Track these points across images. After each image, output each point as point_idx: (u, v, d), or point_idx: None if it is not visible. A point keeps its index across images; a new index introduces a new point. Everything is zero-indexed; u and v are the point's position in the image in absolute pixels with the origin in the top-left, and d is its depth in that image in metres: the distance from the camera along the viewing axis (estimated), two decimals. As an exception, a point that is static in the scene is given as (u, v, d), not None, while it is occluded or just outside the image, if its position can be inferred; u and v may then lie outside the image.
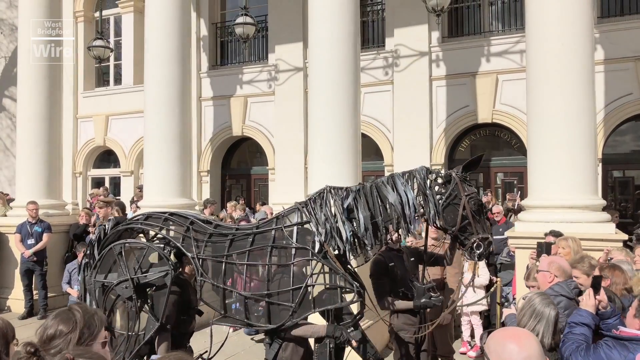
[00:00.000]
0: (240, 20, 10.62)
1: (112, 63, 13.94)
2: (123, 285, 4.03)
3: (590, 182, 6.05)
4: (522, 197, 8.92)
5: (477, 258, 3.72)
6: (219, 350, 4.33)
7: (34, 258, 8.66)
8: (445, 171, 3.88)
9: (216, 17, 12.90)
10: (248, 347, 6.96)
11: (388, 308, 4.36)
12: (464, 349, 6.94)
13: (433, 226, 3.87)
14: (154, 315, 3.97)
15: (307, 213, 3.83)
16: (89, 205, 11.42)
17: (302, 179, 10.92)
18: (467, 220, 3.66)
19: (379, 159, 11.01)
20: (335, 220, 3.70)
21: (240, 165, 13.26)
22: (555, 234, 5.13)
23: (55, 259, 9.27)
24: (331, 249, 3.71)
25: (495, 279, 7.18)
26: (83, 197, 13.71)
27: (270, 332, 3.82)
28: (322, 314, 3.87)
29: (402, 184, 3.73)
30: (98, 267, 4.23)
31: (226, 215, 10.00)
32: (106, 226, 4.43)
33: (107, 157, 14.29)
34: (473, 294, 6.88)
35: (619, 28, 9.20)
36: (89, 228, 9.13)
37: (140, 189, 11.21)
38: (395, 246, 4.56)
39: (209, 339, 4.19)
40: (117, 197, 12.49)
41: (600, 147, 9.07)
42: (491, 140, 10.88)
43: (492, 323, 6.88)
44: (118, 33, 14.04)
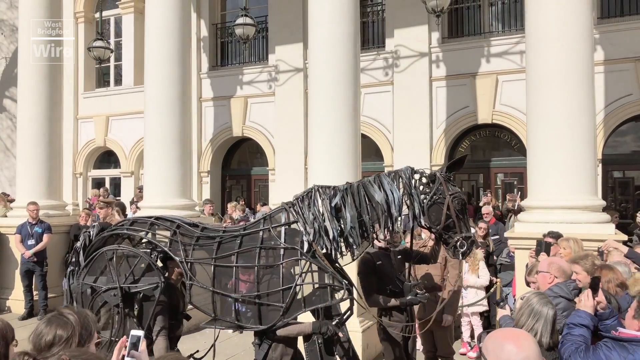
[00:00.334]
0: (240, 21, 10.63)
1: (112, 64, 13.95)
2: (111, 293, 3.99)
3: (590, 182, 6.05)
4: (522, 198, 8.91)
5: (460, 256, 3.80)
6: (208, 351, 4.32)
7: (34, 259, 8.67)
8: (430, 171, 3.95)
9: (216, 17, 12.91)
10: (248, 348, 6.94)
11: (375, 305, 4.43)
12: (464, 350, 6.94)
13: (418, 225, 3.93)
14: (140, 323, 3.94)
15: (295, 213, 3.86)
16: (87, 206, 11.43)
17: (302, 179, 10.93)
18: (451, 219, 3.73)
19: (379, 160, 11.01)
20: (323, 219, 3.74)
21: (240, 165, 13.27)
22: (555, 235, 5.12)
23: (56, 260, 9.27)
24: (319, 248, 3.74)
25: (495, 279, 7.18)
26: (83, 197, 13.72)
27: (260, 332, 3.83)
28: (312, 313, 3.88)
29: (388, 183, 3.79)
30: (87, 270, 4.16)
31: (226, 216, 10.01)
32: (91, 232, 4.36)
33: (107, 158, 14.29)
34: (474, 295, 6.89)
35: (619, 29, 9.21)
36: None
37: (141, 189, 11.22)
38: (395, 246, 4.59)
39: (209, 340, 4.19)
40: (118, 198, 12.50)
41: (601, 147, 9.08)
42: (491, 141, 10.88)
43: (492, 324, 6.88)
44: (118, 34, 14.05)
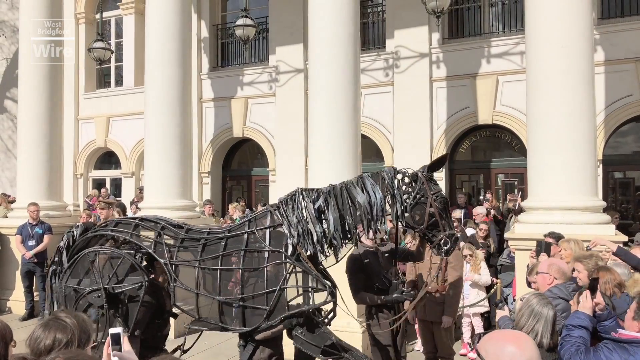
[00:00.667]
0: (240, 21, 10.64)
1: (113, 64, 13.95)
2: (95, 294, 3.98)
3: (590, 183, 6.05)
4: (523, 198, 8.90)
5: (444, 254, 3.87)
6: (192, 345, 4.36)
7: (35, 259, 8.67)
8: (412, 171, 3.99)
9: (217, 18, 12.92)
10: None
11: (362, 302, 4.51)
12: (464, 351, 6.93)
13: (401, 224, 3.99)
14: (125, 323, 3.94)
15: (279, 215, 3.88)
16: (87, 206, 11.44)
17: (302, 180, 10.91)
18: (434, 219, 3.79)
19: (379, 160, 11.01)
20: (307, 222, 3.77)
21: (240, 166, 13.27)
22: (556, 235, 5.11)
23: (56, 261, 9.26)
24: (303, 250, 3.77)
25: (496, 280, 7.18)
26: (84, 198, 13.72)
27: (244, 334, 3.86)
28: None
29: (370, 184, 3.83)
30: (69, 273, 4.15)
31: (227, 216, 10.01)
32: (74, 232, 4.34)
33: (108, 159, 14.30)
34: (476, 295, 6.89)
35: (619, 29, 9.20)
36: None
37: (141, 190, 11.22)
38: (383, 245, 4.65)
39: (209, 341, 4.20)
40: (118, 199, 12.51)
41: (601, 148, 9.07)
42: (492, 142, 10.88)
43: (493, 324, 6.87)
44: (119, 34, 14.06)
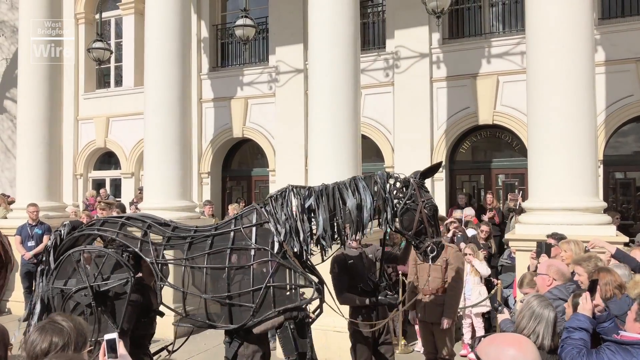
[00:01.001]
0: (240, 22, 10.63)
1: (112, 65, 13.95)
2: (82, 293, 3.96)
3: (590, 184, 6.03)
4: (524, 198, 8.89)
5: (430, 261, 3.93)
6: (170, 345, 4.33)
7: (34, 260, 8.65)
8: (404, 176, 4.04)
9: (217, 18, 12.90)
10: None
11: (346, 303, 4.52)
12: (465, 352, 6.92)
13: (390, 229, 4.02)
14: (113, 321, 3.92)
15: (266, 213, 3.89)
16: (84, 207, 11.42)
17: (302, 180, 10.89)
18: (422, 225, 3.86)
19: (379, 161, 10.99)
20: (296, 219, 3.79)
21: (240, 166, 13.26)
22: (558, 236, 5.09)
23: (56, 261, 9.25)
24: (290, 248, 3.78)
25: (496, 281, 7.17)
26: (83, 199, 13.71)
27: (230, 331, 3.87)
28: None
29: (363, 187, 3.87)
30: (56, 273, 4.12)
31: (227, 217, 9.99)
32: (62, 232, 4.31)
33: (107, 159, 14.29)
34: (477, 295, 6.87)
35: (620, 29, 9.19)
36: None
37: (141, 190, 11.21)
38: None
39: (208, 342, 4.18)
40: (118, 199, 12.51)
41: (602, 148, 9.05)
42: (492, 142, 10.86)
43: (493, 325, 6.86)
44: (119, 35, 14.05)
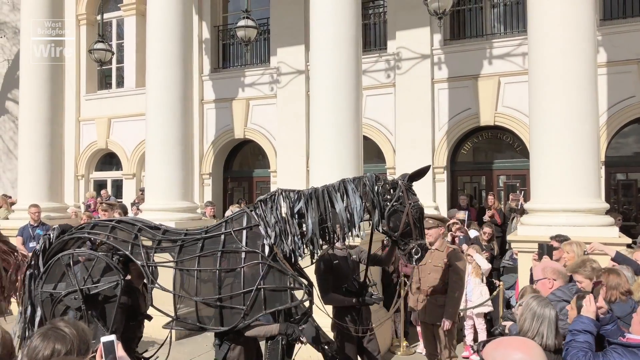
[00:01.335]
0: (242, 23, 10.62)
1: (114, 66, 13.96)
2: (72, 296, 3.94)
3: (593, 185, 6.02)
4: (525, 199, 8.89)
5: (414, 263, 3.99)
6: (157, 350, 4.30)
7: (36, 261, 8.64)
8: (393, 179, 4.09)
9: (218, 20, 12.91)
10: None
11: (331, 303, 4.56)
12: (467, 353, 6.91)
13: (377, 230, 4.06)
14: (104, 324, 3.90)
15: (256, 216, 3.92)
16: (85, 208, 11.43)
17: (303, 181, 10.90)
18: (408, 227, 3.90)
19: (380, 162, 10.99)
20: (285, 223, 3.83)
21: (242, 167, 13.26)
22: (562, 239, 5.08)
23: (57, 262, 9.24)
24: (280, 251, 3.81)
25: (498, 282, 7.15)
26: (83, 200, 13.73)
27: (220, 333, 3.88)
28: (272, 315, 3.94)
29: (352, 190, 3.91)
30: (45, 277, 4.09)
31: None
32: (51, 235, 4.28)
33: (109, 160, 14.30)
34: (479, 296, 6.87)
35: (622, 30, 9.18)
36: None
37: (142, 191, 11.21)
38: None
39: (210, 343, 4.18)
40: (119, 200, 12.51)
41: (603, 149, 9.04)
42: (493, 143, 10.86)
43: (495, 326, 6.85)
44: (120, 36, 14.06)
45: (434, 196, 10.36)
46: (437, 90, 10.44)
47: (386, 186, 3.96)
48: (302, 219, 3.87)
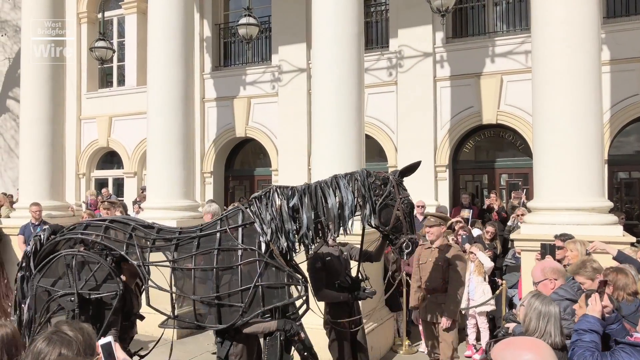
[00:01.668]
0: (243, 21, 10.60)
1: (115, 64, 13.94)
2: (68, 298, 3.91)
3: (596, 183, 5.99)
4: (527, 197, 8.86)
5: (405, 256, 4.05)
6: (152, 349, 4.30)
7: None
8: (384, 174, 4.12)
9: (219, 18, 12.88)
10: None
11: (324, 299, 4.63)
12: (469, 352, 6.89)
13: (368, 225, 4.11)
14: (95, 328, 3.80)
15: (252, 213, 3.93)
16: (85, 207, 11.41)
17: (305, 180, 10.87)
18: (399, 221, 3.97)
19: (382, 160, 10.96)
20: (281, 219, 3.85)
21: (243, 166, 13.24)
22: (567, 237, 5.04)
23: (59, 261, 9.23)
24: (277, 247, 3.83)
25: (501, 281, 7.13)
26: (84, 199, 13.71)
27: (221, 331, 3.89)
28: (270, 311, 3.94)
29: (344, 185, 3.96)
30: (41, 274, 4.07)
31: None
32: (41, 237, 4.23)
33: (110, 159, 14.29)
34: (481, 294, 6.84)
35: (625, 28, 9.14)
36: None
37: (144, 190, 11.20)
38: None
39: (212, 342, 4.17)
40: (120, 199, 12.50)
41: (606, 148, 9.00)
42: (496, 141, 10.83)
43: (498, 326, 6.83)
44: (121, 34, 14.03)
45: (435, 195, 10.33)
46: (440, 89, 10.41)
47: (377, 182, 4.02)
48: (296, 214, 3.90)
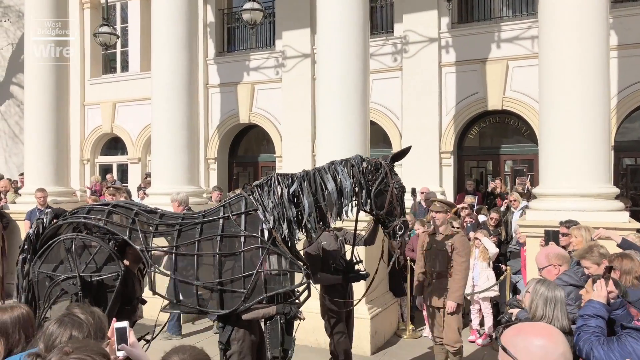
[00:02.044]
0: (247, 6, 10.50)
1: (118, 50, 13.89)
2: (70, 282, 3.95)
3: (603, 170, 5.95)
4: (532, 184, 8.84)
5: (398, 239, 4.17)
6: (158, 333, 4.32)
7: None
8: (376, 160, 4.20)
9: (223, 3, 12.78)
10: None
11: (320, 282, 4.77)
12: (473, 337, 6.93)
13: (363, 210, 4.19)
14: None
15: (254, 201, 3.97)
16: (89, 193, 11.44)
17: (309, 166, 10.84)
18: (392, 205, 4.07)
19: (387, 147, 10.93)
20: (282, 207, 3.90)
21: (247, 152, 13.23)
22: (572, 224, 5.03)
23: (64, 246, 9.30)
24: (279, 235, 3.89)
25: (505, 267, 7.14)
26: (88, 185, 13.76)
27: (223, 316, 3.93)
28: (271, 297, 3.98)
29: (341, 171, 4.03)
30: (42, 259, 4.09)
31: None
32: (44, 220, 4.24)
33: (114, 144, 14.30)
34: (485, 280, 6.86)
35: (633, 13, 9.03)
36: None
37: (148, 175, 11.22)
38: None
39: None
40: (125, 185, 12.53)
41: (613, 134, 8.94)
42: (501, 128, 10.77)
43: (501, 311, 6.85)
44: (125, 19, 13.96)
45: (440, 181, 10.32)
46: (445, 74, 10.34)
47: (370, 167, 4.09)
48: (297, 200, 3.95)
